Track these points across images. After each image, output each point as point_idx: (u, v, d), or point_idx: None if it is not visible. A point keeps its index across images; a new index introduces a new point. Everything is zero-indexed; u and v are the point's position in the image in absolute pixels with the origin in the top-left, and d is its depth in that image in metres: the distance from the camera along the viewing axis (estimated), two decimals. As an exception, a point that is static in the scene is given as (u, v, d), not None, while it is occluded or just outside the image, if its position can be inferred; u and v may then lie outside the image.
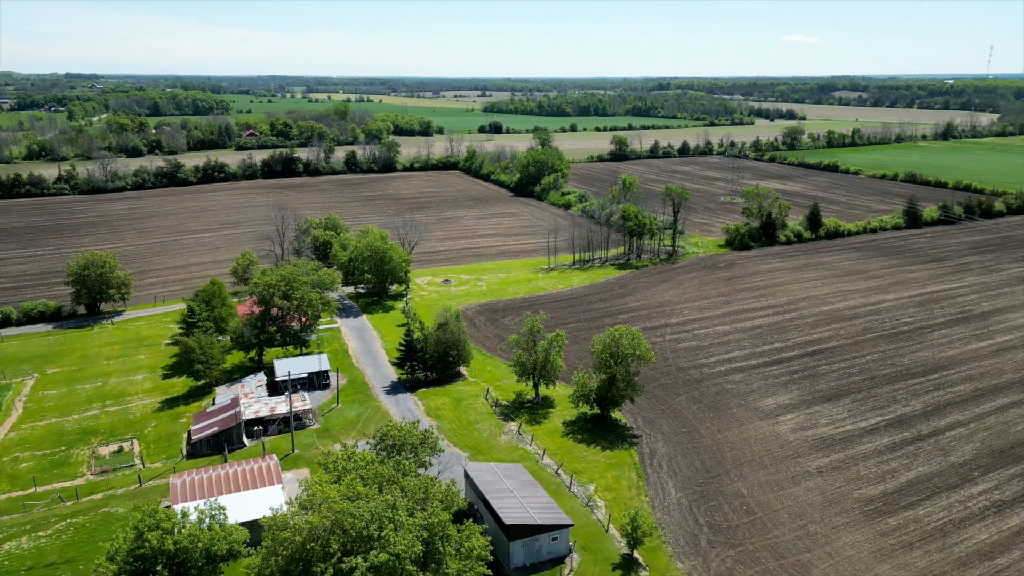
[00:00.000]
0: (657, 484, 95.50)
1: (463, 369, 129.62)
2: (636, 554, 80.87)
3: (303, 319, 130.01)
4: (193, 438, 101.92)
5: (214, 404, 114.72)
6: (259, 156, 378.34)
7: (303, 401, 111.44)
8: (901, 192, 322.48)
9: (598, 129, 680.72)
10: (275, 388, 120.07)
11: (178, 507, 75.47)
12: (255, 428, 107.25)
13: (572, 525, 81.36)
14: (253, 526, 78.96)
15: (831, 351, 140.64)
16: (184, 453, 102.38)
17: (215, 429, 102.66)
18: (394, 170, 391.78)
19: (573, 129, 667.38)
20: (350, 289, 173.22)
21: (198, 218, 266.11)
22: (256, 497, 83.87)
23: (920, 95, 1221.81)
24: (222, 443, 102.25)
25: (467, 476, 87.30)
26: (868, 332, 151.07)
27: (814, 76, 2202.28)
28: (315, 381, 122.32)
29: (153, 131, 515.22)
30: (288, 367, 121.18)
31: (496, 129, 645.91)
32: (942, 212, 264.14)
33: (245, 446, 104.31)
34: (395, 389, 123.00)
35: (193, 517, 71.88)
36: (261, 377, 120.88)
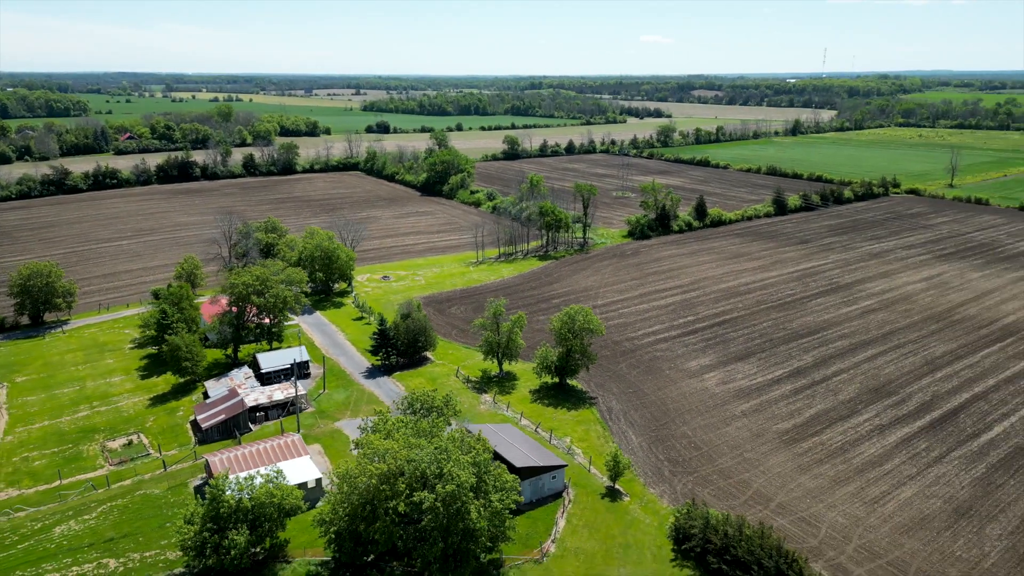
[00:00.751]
0: (619, 433, 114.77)
1: (429, 354, 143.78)
2: (617, 485, 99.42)
3: (274, 316, 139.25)
4: (203, 426, 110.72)
5: (207, 397, 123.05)
6: (152, 160, 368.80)
7: (298, 388, 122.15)
8: (765, 184, 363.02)
9: (483, 128, 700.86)
10: (261, 380, 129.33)
11: (241, 475, 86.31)
12: (257, 414, 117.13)
13: (566, 465, 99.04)
14: (300, 488, 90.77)
15: (734, 321, 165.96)
16: (196, 440, 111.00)
17: (223, 417, 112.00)
18: (294, 172, 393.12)
19: (459, 128, 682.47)
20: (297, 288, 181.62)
21: (106, 226, 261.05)
22: (292, 466, 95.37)
23: (767, 93, 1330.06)
24: (231, 428, 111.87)
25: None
26: (760, 304, 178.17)
27: (673, 75, 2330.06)
28: (296, 370, 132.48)
29: (15, 135, 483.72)
30: (272, 360, 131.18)
31: (384, 129, 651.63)
32: (803, 201, 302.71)
33: (251, 430, 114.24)
34: (372, 374, 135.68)
35: (258, 481, 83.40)
36: (247, 370, 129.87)
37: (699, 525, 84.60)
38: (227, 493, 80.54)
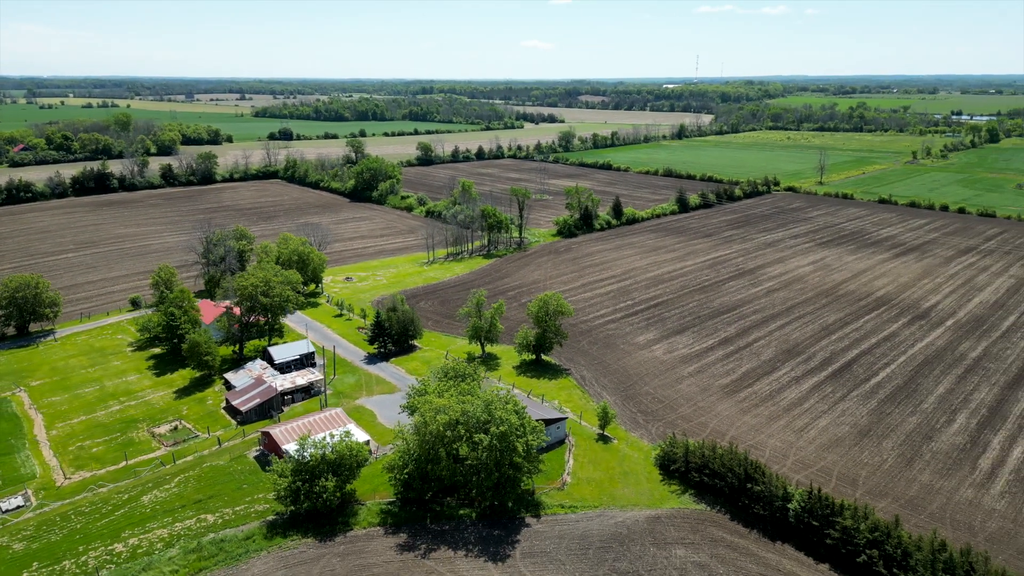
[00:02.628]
0: (596, 395, 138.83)
1: (416, 342, 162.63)
2: (606, 432, 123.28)
3: (275, 314, 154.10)
4: (243, 409, 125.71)
5: (229, 387, 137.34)
6: (67, 172, 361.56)
7: (313, 374, 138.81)
8: (664, 184, 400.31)
9: (386, 134, 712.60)
10: (275, 370, 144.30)
11: (317, 436, 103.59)
12: (285, 397, 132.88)
13: (567, 418, 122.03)
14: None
15: (666, 303, 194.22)
16: (237, 421, 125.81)
17: (258, 401, 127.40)
18: (214, 181, 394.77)
19: (363, 134, 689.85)
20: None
21: (42, 240, 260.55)
22: (337, 433, 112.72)
23: (649, 98, 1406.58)
24: (267, 410, 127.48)
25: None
26: (684, 288, 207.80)
27: (557, 80, 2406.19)
28: (304, 361, 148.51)
29: None
30: (283, 352, 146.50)
31: (287, 136, 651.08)
32: (702, 199, 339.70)
33: (283, 411, 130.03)
34: (371, 360, 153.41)
35: (334, 440, 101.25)
36: (262, 362, 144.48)
37: (680, 451, 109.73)
38: (311, 450, 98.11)
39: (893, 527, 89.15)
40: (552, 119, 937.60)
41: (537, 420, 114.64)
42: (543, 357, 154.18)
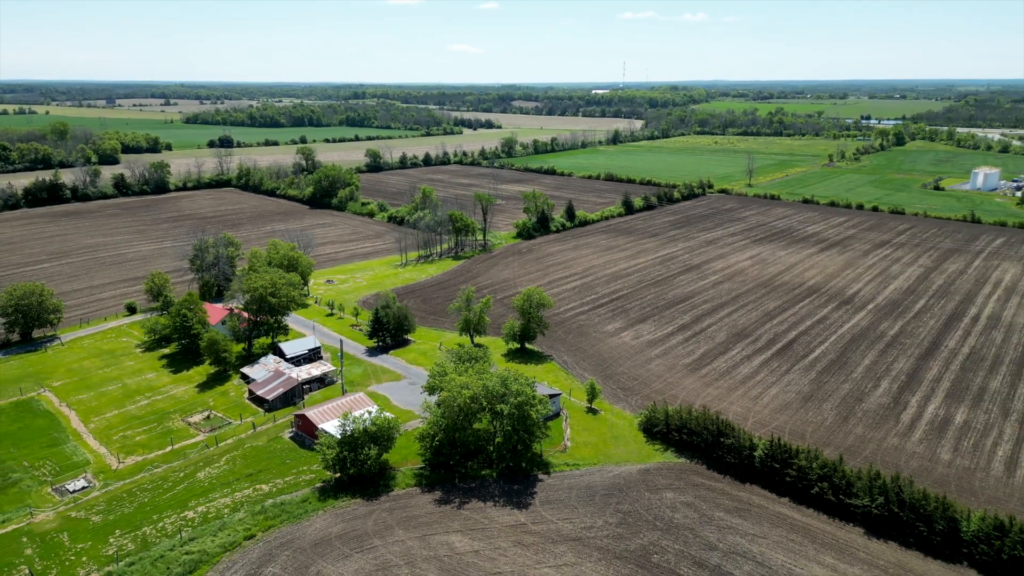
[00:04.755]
0: (579, 376, 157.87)
1: (410, 336, 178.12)
2: (593, 405, 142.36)
3: (280, 313, 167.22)
4: (268, 398, 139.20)
5: (247, 380, 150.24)
6: (14, 182, 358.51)
7: (325, 366, 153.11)
8: (607, 188, 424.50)
9: (327, 140, 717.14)
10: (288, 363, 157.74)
11: (355, 413, 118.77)
12: (304, 387, 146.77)
13: (562, 393, 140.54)
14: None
15: (626, 296, 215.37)
16: (264, 409, 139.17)
17: (282, 390, 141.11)
18: (167, 190, 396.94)
19: (303, 141, 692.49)
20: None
21: (10, 252, 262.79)
22: (372, 411, 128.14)
23: (580, 104, 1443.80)
24: (290, 398, 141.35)
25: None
26: (641, 282, 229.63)
27: (487, 85, 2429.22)
28: (312, 355, 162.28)
29: None
30: (293, 347, 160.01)
31: (227, 143, 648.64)
32: (645, 202, 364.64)
33: (303, 399, 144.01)
34: (372, 353, 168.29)
35: (371, 415, 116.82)
36: (274, 357, 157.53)
37: (661, 416, 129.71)
38: (354, 424, 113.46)
39: (838, 464, 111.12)
40: (489, 124, 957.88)
41: (542, 395, 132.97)
42: (527, 346, 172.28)
